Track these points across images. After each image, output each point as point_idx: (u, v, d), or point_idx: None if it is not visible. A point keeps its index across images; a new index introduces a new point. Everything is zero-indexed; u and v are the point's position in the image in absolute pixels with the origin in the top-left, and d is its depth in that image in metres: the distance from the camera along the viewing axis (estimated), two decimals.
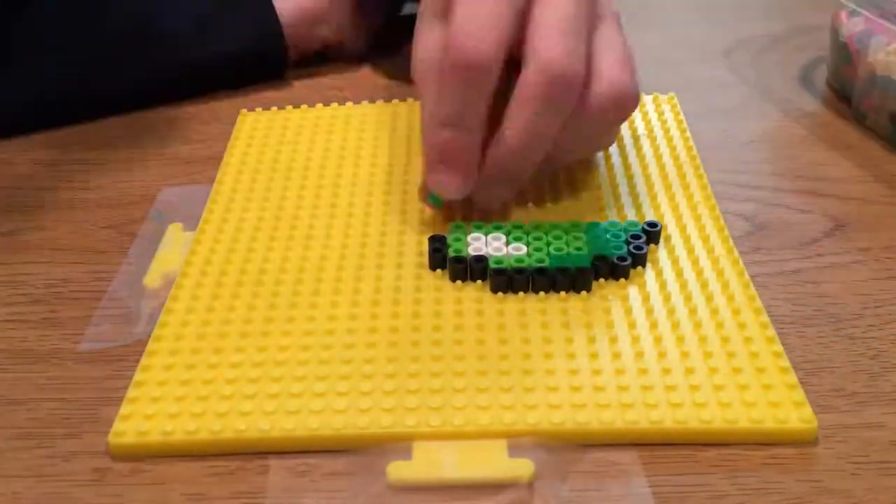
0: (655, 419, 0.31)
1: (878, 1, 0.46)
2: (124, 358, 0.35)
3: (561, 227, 0.39)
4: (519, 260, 0.37)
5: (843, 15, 0.49)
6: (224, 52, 0.52)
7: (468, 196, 0.39)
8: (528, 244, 0.38)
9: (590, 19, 0.37)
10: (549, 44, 0.35)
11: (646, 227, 0.39)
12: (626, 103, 0.37)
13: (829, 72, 0.52)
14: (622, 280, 0.37)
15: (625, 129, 0.47)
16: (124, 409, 0.32)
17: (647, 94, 0.50)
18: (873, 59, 0.47)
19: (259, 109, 0.50)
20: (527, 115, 0.36)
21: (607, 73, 0.37)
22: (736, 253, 0.38)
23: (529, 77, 0.35)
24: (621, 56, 0.38)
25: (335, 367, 0.33)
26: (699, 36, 0.60)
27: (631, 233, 0.38)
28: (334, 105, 0.50)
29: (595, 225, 0.39)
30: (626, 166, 0.44)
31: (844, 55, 0.50)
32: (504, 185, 0.39)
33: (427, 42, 0.39)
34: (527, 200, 0.42)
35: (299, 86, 0.54)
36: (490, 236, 0.39)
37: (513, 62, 0.36)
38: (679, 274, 0.37)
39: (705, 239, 0.39)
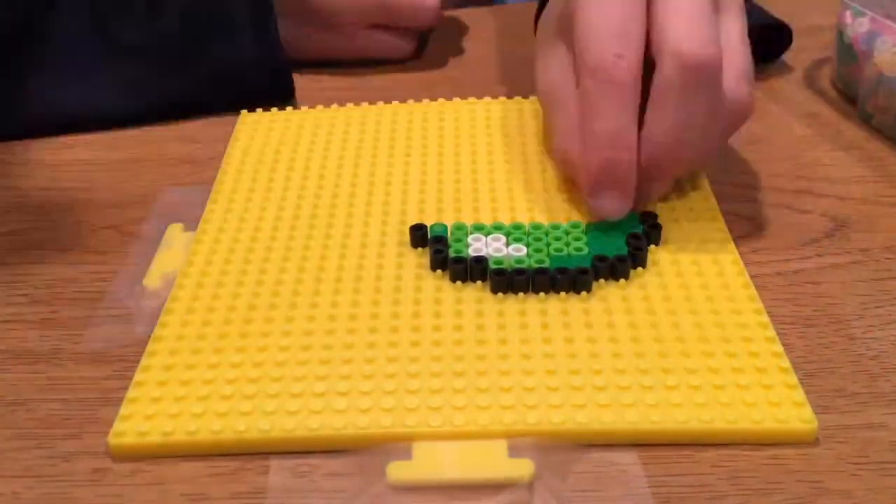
0: (655, 419, 0.31)
1: (883, 1, 0.46)
2: (124, 358, 0.35)
3: (561, 227, 0.39)
4: (519, 260, 0.37)
5: (848, 15, 0.49)
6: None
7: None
8: (528, 244, 0.38)
9: (715, 4, 0.37)
10: (681, 34, 0.35)
11: (646, 228, 0.39)
12: (747, 109, 0.38)
13: (835, 72, 0.52)
14: (622, 280, 0.37)
15: None
16: (124, 409, 0.32)
17: None
18: (879, 60, 0.46)
19: (259, 110, 0.50)
20: (673, 110, 0.35)
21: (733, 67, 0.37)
22: (736, 253, 0.38)
23: (667, 72, 0.35)
24: (743, 59, 0.37)
25: (335, 367, 0.33)
26: None
27: (631, 233, 0.38)
28: (335, 105, 0.50)
29: (595, 225, 0.39)
30: None
31: (850, 56, 0.50)
32: (654, 184, 0.38)
33: (552, 63, 0.39)
34: (527, 200, 0.42)
35: (299, 86, 0.54)
36: (490, 237, 0.39)
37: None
38: (679, 274, 0.37)
39: (705, 239, 0.39)
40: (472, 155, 0.46)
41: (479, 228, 0.39)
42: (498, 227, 0.39)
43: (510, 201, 0.42)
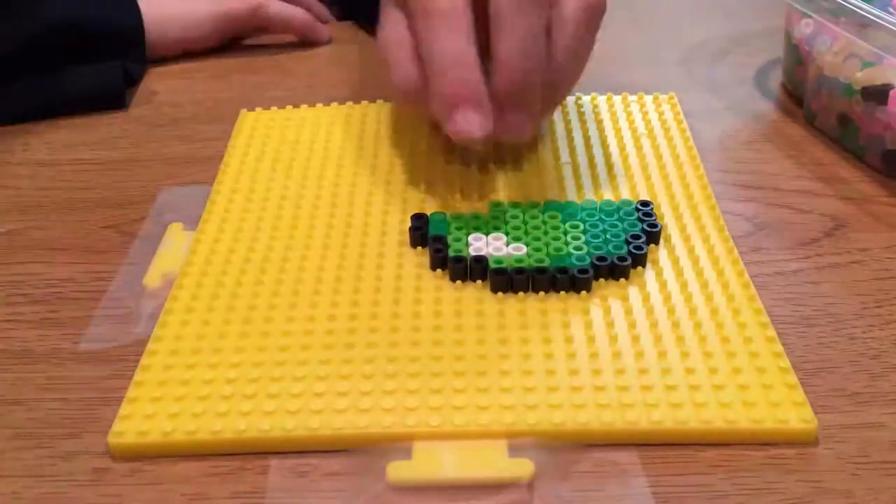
0: (655, 419, 0.31)
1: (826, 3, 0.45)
2: (124, 358, 0.35)
3: (560, 227, 0.39)
4: (519, 260, 0.37)
5: (795, 17, 0.49)
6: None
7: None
8: (527, 244, 0.38)
9: None
10: None
11: (646, 228, 0.39)
12: (595, 8, 0.39)
13: (784, 74, 0.52)
14: (622, 280, 0.37)
15: (625, 128, 0.47)
16: (124, 409, 0.32)
17: (648, 94, 0.50)
18: (820, 60, 0.46)
19: (259, 109, 0.50)
20: (512, 30, 0.36)
21: None
22: (736, 253, 0.38)
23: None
24: None
25: (335, 367, 0.33)
26: (698, 35, 0.60)
27: (631, 233, 0.38)
28: (334, 104, 0.50)
29: (595, 225, 0.39)
30: (627, 166, 0.44)
31: (796, 57, 0.50)
32: (520, 112, 0.38)
33: (388, 24, 0.41)
34: (526, 188, 0.42)
35: (299, 86, 0.55)
36: (491, 236, 0.39)
37: None
38: (679, 274, 0.37)
39: (705, 239, 0.39)
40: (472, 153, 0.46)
41: (477, 228, 0.39)
42: (497, 227, 0.39)
43: (508, 198, 0.42)
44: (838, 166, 0.45)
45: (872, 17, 0.42)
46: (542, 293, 0.37)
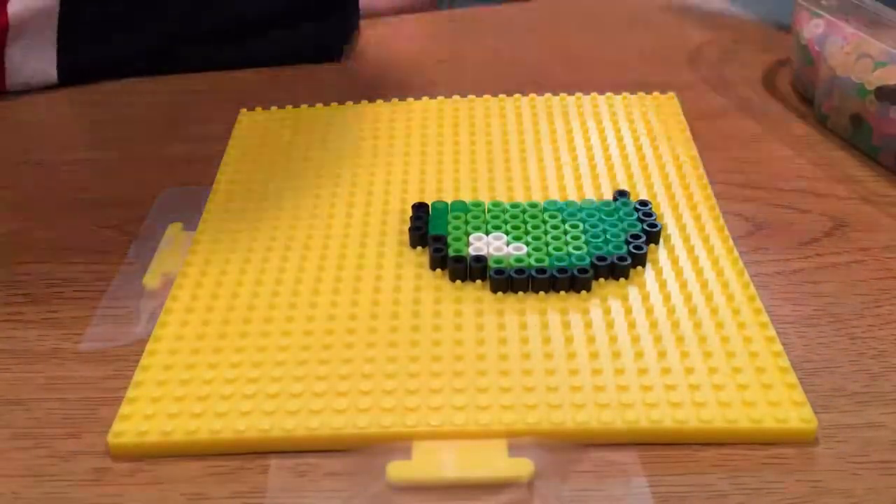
0: (655, 419, 0.31)
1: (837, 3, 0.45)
2: (124, 358, 0.35)
3: (560, 227, 0.39)
4: (519, 260, 0.37)
5: (805, 17, 0.49)
6: None
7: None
8: (527, 244, 0.38)
9: None
10: None
11: (646, 228, 0.39)
12: None
13: (793, 74, 0.52)
14: (622, 280, 0.37)
15: (625, 128, 0.47)
16: (124, 409, 0.32)
17: (647, 93, 0.50)
18: (832, 61, 0.46)
19: (259, 109, 0.50)
20: None
21: None
22: (736, 253, 0.38)
23: None
24: None
25: (335, 367, 0.33)
26: (698, 35, 0.60)
27: (630, 233, 0.38)
28: (333, 104, 0.50)
29: (595, 225, 0.39)
30: (626, 166, 0.44)
31: (806, 57, 0.50)
32: None
33: None
34: (526, 188, 0.42)
35: (299, 86, 0.55)
36: (491, 236, 0.39)
37: None
38: (679, 274, 0.37)
39: (705, 239, 0.39)
40: (471, 153, 0.46)
41: (477, 228, 0.39)
42: (497, 226, 0.39)
43: (508, 198, 0.42)
44: (838, 166, 0.45)
45: (883, 15, 0.42)
46: (542, 293, 0.37)
